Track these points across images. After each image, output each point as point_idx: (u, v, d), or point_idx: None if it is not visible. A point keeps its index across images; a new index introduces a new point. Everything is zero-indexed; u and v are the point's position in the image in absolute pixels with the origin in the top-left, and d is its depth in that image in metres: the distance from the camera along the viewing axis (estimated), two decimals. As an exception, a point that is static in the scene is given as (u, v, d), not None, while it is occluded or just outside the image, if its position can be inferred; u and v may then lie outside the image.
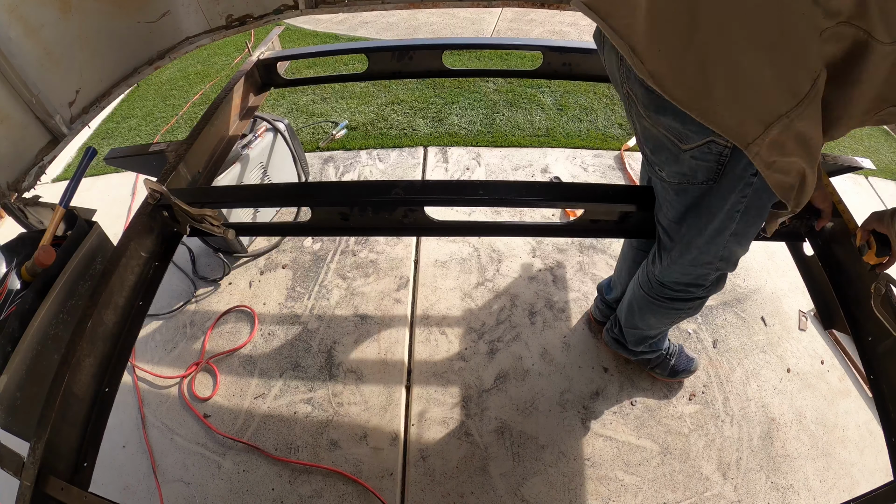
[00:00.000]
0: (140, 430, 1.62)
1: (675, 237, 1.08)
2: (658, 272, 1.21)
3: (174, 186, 1.29)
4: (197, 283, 2.02)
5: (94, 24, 1.31)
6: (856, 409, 1.62)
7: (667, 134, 0.86)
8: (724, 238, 1.01)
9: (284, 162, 2.12)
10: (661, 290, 1.25)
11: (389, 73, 1.82)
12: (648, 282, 1.28)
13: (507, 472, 1.48)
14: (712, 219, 0.97)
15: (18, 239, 1.14)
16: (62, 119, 1.29)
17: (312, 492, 1.46)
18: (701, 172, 0.89)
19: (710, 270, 1.13)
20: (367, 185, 1.35)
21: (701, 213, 0.98)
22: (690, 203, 0.98)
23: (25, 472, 0.83)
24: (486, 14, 3.85)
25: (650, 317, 1.37)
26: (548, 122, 2.69)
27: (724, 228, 0.98)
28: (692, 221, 1.01)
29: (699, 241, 1.03)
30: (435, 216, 1.21)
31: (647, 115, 0.87)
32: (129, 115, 3.07)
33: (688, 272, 1.15)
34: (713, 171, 0.88)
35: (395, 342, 1.79)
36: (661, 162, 0.94)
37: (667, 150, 0.90)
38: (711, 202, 0.94)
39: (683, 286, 1.20)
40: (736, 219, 0.95)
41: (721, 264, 1.10)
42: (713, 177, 0.89)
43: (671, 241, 1.10)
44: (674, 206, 1.01)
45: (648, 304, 1.32)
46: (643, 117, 0.89)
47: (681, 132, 0.83)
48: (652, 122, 0.87)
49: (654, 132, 0.89)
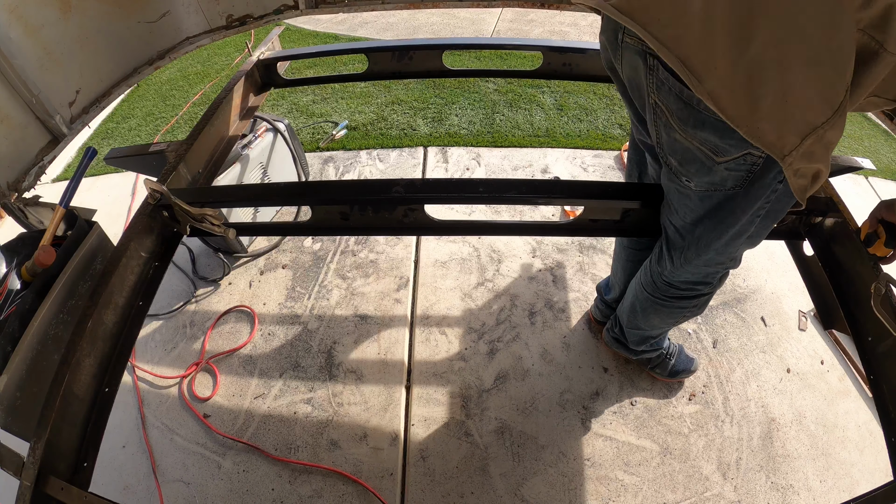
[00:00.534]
0: (140, 430, 1.62)
1: (689, 238, 1.07)
2: (668, 272, 1.21)
3: (174, 186, 1.29)
4: (197, 283, 2.02)
5: (94, 24, 1.31)
6: (856, 409, 1.62)
7: (701, 147, 0.85)
8: (742, 240, 1.02)
9: (284, 162, 2.12)
10: (668, 290, 1.25)
11: (389, 73, 1.82)
12: (653, 283, 1.27)
13: (507, 472, 1.48)
14: (735, 223, 0.97)
15: (18, 239, 1.14)
16: (62, 119, 1.29)
17: (312, 492, 1.46)
18: (731, 181, 0.88)
19: (720, 269, 1.15)
20: (367, 184, 1.35)
21: (724, 217, 0.97)
22: (713, 207, 0.97)
23: (25, 472, 0.83)
24: (486, 14, 3.86)
25: (654, 317, 1.37)
26: (548, 123, 2.69)
27: (744, 232, 0.99)
28: (711, 224, 1.01)
29: (718, 244, 1.04)
30: (435, 216, 1.21)
31: (680, 128, 0.84)
32: (129, 115, 3.08)
33: (699, 271, 1.16)
34: (743, 180, 0.87)
35: (394, 342, 1.79)
36: (690, 173, 0.92)
37: (699, 161, 0.88)
38: (736, 207, 0.94)
39: (691, 285, 1.21)
40: (756, 222, 0.97)
41: (731, 263, 1.13)
42: (742, 184, 0.88)
43: (683, 240, 1.09)
44: (693, 211, 1.01)
45: (653, 304, 1.32)
46: (674, 130, 0.86)
47: (718, 146, 0.82)
48: (686, 135, 0.85)
49: (685, 144, 0.87)
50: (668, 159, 0.95)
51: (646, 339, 1.51)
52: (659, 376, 1.65)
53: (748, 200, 0.91)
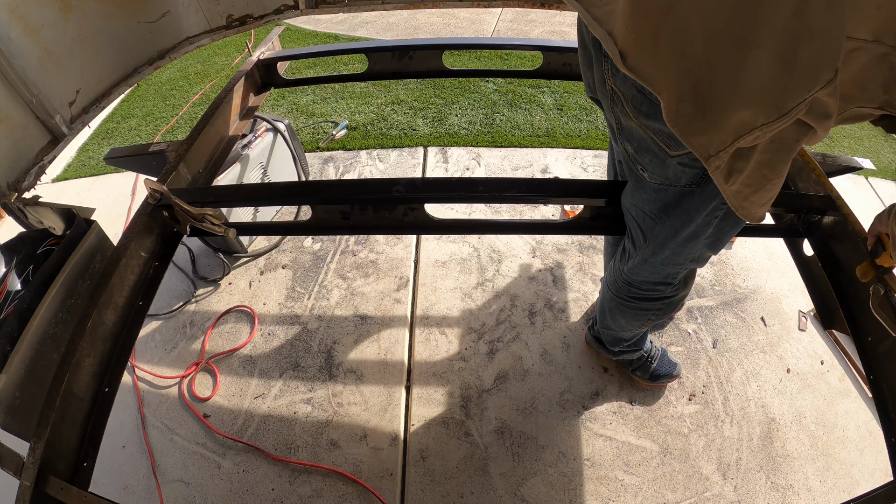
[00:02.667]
0: (140, 430, 1.62)
1: (650, 234, 1.05)
2: (626, 270, 1.18)
3: (174, 186, 1.29)
4: (197, 283, 2.02)
5: (94, 24, 1.31)
6: (856, 409, 1.62)
7: (655, 138, 0.82)
8: (700, 242, 0.99)
9: (284, 162, 2.12)
10: (629, 290, 1.23)
11: (389, 73, 1.82)
12: (616, 282, 1.26)
13: (507, 472, 1.48)
14: (689, 222, 0.94)
15: (18, 239, 1.14)
16: (62, 119, 1.29)
17: (312, 492, 1.46)
18: (685, 178, 0.86)
19: (680, 269, 1.11)
20: (368, 183, 1.35)
21: (679, 215, 0.95)
22: (669, 202, 0.95)
23: (25, 471, 0.83)
24: (486, 14, 3.86)
25: (620, 318, 1.35)
26: (548, 123, 2.69)
27: (700, 234, 0.96)
28: (666, 220, 0.98)
29: (673, 242, 1.01)
30: (435, 215, 1.21)
31: (635, 116, 0.82)
32: (129, 115, 3.08)
33: (658, 271, 1.13)
34: (697, 177, 0.85)
35: (394, 342, 1.79)
36: (646, 163, 0.90)
37: (652, 153, 0.86)
38: (690, 206, 0.91)
39: (652, 285, 1.18)
40: (713, 224, 0.93)
41: (692, 264, 1.09)
42: (697, 182, 0.86)
43: (644, 238, 1.07)
44: (649, 203, 0.98)
45: (617, 304, 1.30)
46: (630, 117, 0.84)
47: (671, 137, 0.78)
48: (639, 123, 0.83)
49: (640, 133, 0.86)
50: (625, 145, 0.93)
51: (618, 339, 1.49)
52: (640, 379, 1.62)
53: (703, 199, 0.88)
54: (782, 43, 0.58)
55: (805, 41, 0.58)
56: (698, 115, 0.66)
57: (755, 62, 0.60)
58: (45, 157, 1.28)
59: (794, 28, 0.57)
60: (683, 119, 0.67)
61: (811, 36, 0.58)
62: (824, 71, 0.59)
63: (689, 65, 0.64)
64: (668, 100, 0.67)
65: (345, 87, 3.02)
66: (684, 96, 0.66)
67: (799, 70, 0.59)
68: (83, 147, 2.89)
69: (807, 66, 0.59)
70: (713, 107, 0.65)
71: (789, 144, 0.70)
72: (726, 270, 1.99)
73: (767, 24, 0.58)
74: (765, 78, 0.61)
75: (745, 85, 0.62)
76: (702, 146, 0.68)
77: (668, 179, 0.89)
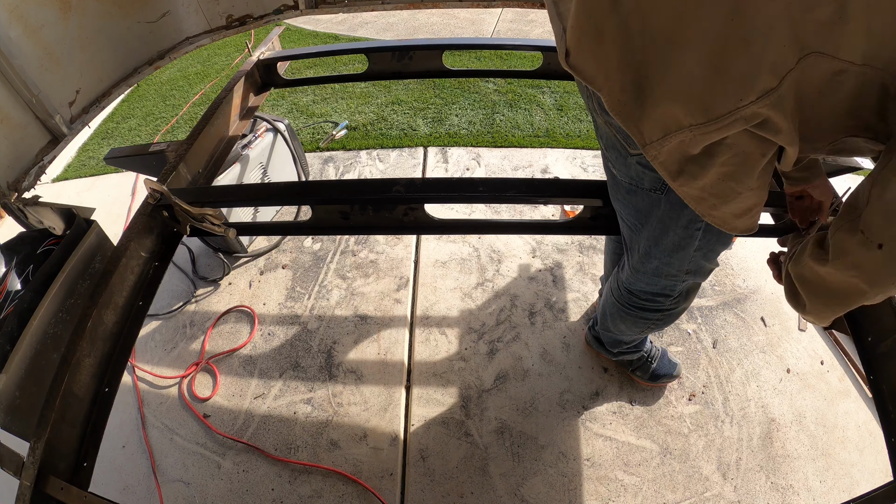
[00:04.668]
0: (140, 430, 1.62)
1: (634, 241, 1.05)
2: (625, 278, 1.18)
3: (174, 186, 1.29)
4: (197, 283, 2.02)
5: (94, 24, 1.31)
6: (856, 409, 1.62)
7: (617, 136, 0.83)
8: (689, 253, 0.97)
9: (284, 162, 2.12)
10: (629, 298, 1.22)
11: (389, 73, 1.82)
12: (618, 288, 1.25)
13: (507, 472, 1.48)
14: (667, 231, 0.93)
15: (18, 239, 1.14)
16: (62, 119, 1.29)
17: (312, 492, 1.46)
18: (647, 181, 0.86)
19: (676, 282, 1.09)
20: (368, 183, 1.35)
21: (652, 222, 0.94)
22: (642, 208, 0.94)
23: (25, 471, 0.83)
24: (486, 14, 3.86)
25: (620, 323, 1.35)
26: (548, 123, 2.69)
27: (686, 245, 0.95)
28: (646, 229, 0.98)
29: (656, 252, 1.00)
30: (435, 215, 1.21)
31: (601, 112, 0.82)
32: (129, 115, 3.08)
33: (653, 282, 1.11)
34: (658, 181, 0.84)
35: (394, 342, 1.79)
36: (612, 160, 0.91)
37: (616, 150, 0.87)
38: (664, 214, 0.90)
39: (651, 296, 1.17)
40: (698, 236, 0.92)
41: (689, 277, 1.06)
42: (659, 187, 0.86)
43: (629, 239, 1.07)
44: (626, 206, 0.99)
45: (618, 310, 1.29)
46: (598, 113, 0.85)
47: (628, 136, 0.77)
48: (605, 120, 0.83)
49: (605, 130, 0.87)
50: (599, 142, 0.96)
51: (618, 342, 1.49)
52: (640, 380, 1.62)
53: (672, 206, 0.87)
54: (715, 47, 0.58)
55: (739, 48, 0.57)
56: (635, 104, 0.68)
57: (684, 62, 0.61)
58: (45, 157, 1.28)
59: (727, 34, 0.57)
60: (623, 107, 0.70)
61: (746, 43, 0.56)
62: (760, 81, 0.57)
63: (629, 59, 0.66)
64: (611, 91, 0.70)
65: (345, 88, 3.02)
66: (625, 87, 0.68)
67: (730, 77, 0.59)
68: (83, 147, 2.90)
69: (738, 74, 0.58)
70: (647, 99, 0.67)
71: (755, 158, 0.69)
72: (726, 270, 1.99)
73: (699, 27, 0.58)
74: (694, 79, 0.61)
75: (672, 82, 0.63)
76: (637, 134, 0.70)
77: (633, 179, 0.89)
